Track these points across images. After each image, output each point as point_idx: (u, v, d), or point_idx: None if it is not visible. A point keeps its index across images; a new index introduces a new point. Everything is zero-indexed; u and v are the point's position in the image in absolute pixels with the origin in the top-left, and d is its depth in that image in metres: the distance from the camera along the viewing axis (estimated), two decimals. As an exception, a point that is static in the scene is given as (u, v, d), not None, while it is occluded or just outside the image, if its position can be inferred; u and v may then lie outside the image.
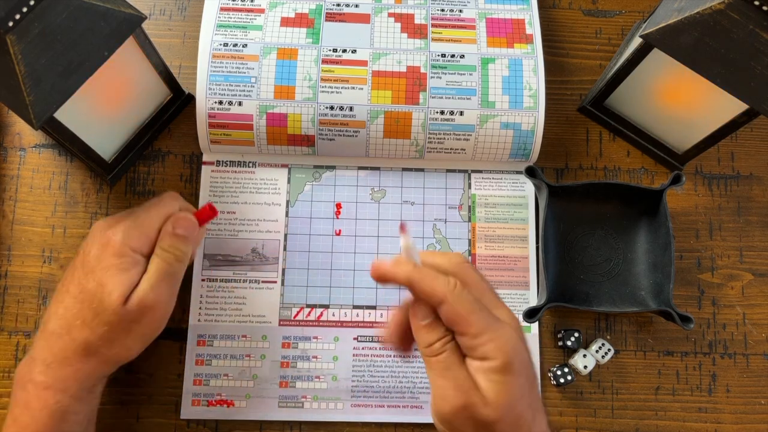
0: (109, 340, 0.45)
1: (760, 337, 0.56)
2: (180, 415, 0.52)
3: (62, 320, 0.45)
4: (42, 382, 0.44)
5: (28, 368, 0.45)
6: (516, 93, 0.55)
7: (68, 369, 0.44)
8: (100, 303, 0.44)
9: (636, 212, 0.56)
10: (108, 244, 0.45)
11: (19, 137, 0.57)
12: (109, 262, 0.45)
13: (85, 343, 0.44)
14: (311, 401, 0.53)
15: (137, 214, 0.47)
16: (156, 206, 0.48)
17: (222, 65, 0.54)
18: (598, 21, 0.62)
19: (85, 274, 0.45)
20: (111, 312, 0.44)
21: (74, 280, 0.45)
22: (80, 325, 0.44)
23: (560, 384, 0.53)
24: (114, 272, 0.44)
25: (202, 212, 0.49)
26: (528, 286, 0.56)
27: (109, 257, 0.45)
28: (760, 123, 0.59)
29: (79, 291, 0.45)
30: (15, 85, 0.41)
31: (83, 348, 0.44)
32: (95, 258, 0.45)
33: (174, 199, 0.49)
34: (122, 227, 0.46)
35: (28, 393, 0.44)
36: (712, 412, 0.54)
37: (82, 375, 0.45)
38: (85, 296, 0.44)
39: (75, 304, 0.45)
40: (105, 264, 0.45)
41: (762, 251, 0.57)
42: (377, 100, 0.54)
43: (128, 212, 0.48)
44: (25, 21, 0.40)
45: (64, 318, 0.45)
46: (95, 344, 0.44)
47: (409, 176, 0.57)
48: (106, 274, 0.44)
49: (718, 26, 0.43)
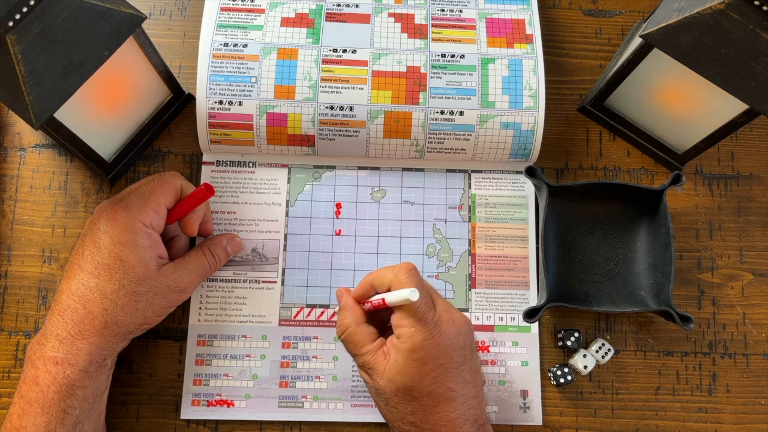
0: (131, 309, 0.46)
1: (760, 337, 0.56)
2: (180, 415, 0.52)
3: (77, 295, 0.46)
4: (53, 357, 0.45)
5: (39, 345, 0.46)
6: (516, 93, 0.55)
7: (82, 342, 0.45)
8: (124, 275, 0.46)
9: (636, 212, 0.56)
10: (117, 220, 0.46)
11: (19, 137, 0.57)
12: (124, 237, 0.46)
13: (103, 314, 0.45)
14: (311, 401, 0.53)
15: (141, 191, 0.48)
16: (160, 183, 0.49)
17: (222, 65, 0.54)
18: (598, 21, 0.62)
19: (98, 250, 0.46)
20: (141, 282, 0.46)
21: (85, 257, 0.46)
22: (98, 297, 0.45)
23: (560, 384, 0.53)
24: (133, 248, 0.46)
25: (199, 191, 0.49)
26: (528, 286, 0.56)
27: (123, 233, 0.46)
28: (760, 123, 0.60)
29: (94, 267, 0.46)
30: (15, 85, 0.41)
31: (101, 319, 0.45)
32: (106, 234, 0.46)
33: (175, 177, 0.50)
34: (129, 203, 0.47)
35: (38, 369, 0.45)
36: (712, 412, 0.54)
37: (94, 349, 0.45)
38: (102, 270, 0.46)
39: (91, 278, 0.46)
40: (121, 239, 0.46)
41: (762, 251, 0.57)
42: (377, 100, 0.54)
43: (129, 191, 0.49)
44: (25, 21, 0.40)
45: (78, 292, 0.46)
46: (114, 313, 0.46)
47: (409, 176, 0.57)
48: (125, 249, 0.46)
49: (718, 26, 0.43)
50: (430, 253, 0.56)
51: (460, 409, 0.44)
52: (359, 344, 0.46)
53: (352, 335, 0.46)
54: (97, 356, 0.46)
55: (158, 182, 0.49)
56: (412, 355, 0.43)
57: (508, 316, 0.55)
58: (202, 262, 0.51)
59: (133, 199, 0.47)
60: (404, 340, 0.43)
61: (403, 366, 0.43)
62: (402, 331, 0.44)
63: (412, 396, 0.44)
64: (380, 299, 0.46)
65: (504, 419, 0.53)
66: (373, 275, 0.47)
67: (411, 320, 0.43)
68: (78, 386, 0.45)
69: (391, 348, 0.45)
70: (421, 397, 0.44)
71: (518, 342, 0.54)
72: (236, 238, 0.54)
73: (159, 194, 0.48)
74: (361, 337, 0.46)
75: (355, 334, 0.46)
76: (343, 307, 0.48)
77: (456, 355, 0.44)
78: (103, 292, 0.46)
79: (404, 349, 0.43)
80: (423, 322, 0.43)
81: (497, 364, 0.54)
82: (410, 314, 0.43)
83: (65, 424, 0.44)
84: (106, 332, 0.46)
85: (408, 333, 0.43)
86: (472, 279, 0.55)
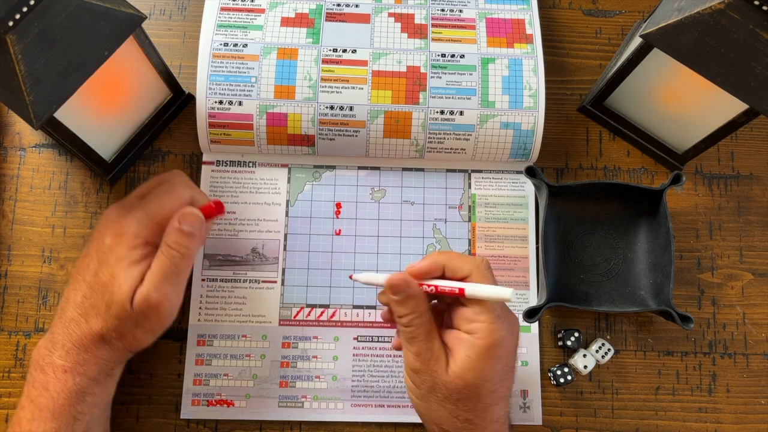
0: (120, 332, 0.45)
1: (760, 337, 0.56)
2: (180, 415, 0.52)
3: (80, 308, 0.45)
4: (62, 365, 0.45)
5: (47, 351, 0.45)
6: (516, 93, 0.55)
7: (87, 355, 0.45)
8: (111, 295, 0.44)
9: (636, 212, 0.56)
10: (122, 234, 0.45)
11: (19, 137, 0.57)
12: (121, 253, 0.45)
13: (101, 332, 0.45)
14: (311, 401, 0.53)
15: (148, 202, 0.47)
16: (168, 195, 0.47)
17: (222, 65, 0.54)
18: (598, 21, 0.62)
19: (99, 263, 0.45)
20: (119, 307, 0.44)
21: (89, 269, 0.46)
22: (95, 314, 0.45)
23: (560, 384, 0.53)
24: (125, 265, 0.45)
25: (208, 208, 0.48)
26: (528, 286, 0.56)
27: (123, 249, 0.45)
28: (760, 123, 0.60)
29: (95, 281, 0.45)
30: (15, 85, 0.41)
31: (99, 336, 0.45)
32: (109, 248, 0.45)
33: (186, 187, 0.48)
34: (136, 218, 0.46)
35: (47, 375, 0.45)
36: (712, 412, 0.54)
37: (101, 360, 0.45)
38: (99, 286, 0.45)
39: (92, 293, 0.45)
40: (118, 255, 0.45)
41: (762, 251, 0.57)
42: (377, 99, 0.54)
43: (138, 197, 0.48)
44: (25, 21, 0.40)
45: (82, 306, 0.45)
46: (109, 334, 0.45)
47: (409, 176, 0.57)
48: (119, 266, 0.45)
49: (718, 26, 0.43)
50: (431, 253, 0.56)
51: (506, 407, 0.44)
52: (430, 333, 0.43)
53: (426, 323, 0.43)
54: (104, 366, 0.46)
55: (167, 195, 0.47)
56: (489, 352, 0.42)
57: (508, 316, 0.55)
58: (163, 264, 0.45)
59: (140, 214, 0.46)
60: (481, 336, 0.42)
61: (477, 362, 0.42)
62: (479, 327, 0.42)
63: (478, 393, 0.42)
64: (458, 288, 0.43)
65: (504, 419, 0.53)
66: (445, 258, 0.45)
67: (490, 316, 0.42)
68: (87, 393, 0.45)
69: (458, 343, 0.43)
70: (486, 394, 0.43)
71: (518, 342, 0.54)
72: (185, 209, 0.46)
73: (166, 208, 0.46)
74: (432, 326, 0.44)
75: (430, 321, 0.44)
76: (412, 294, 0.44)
77: (515, 354, 0.44)
78: (99, 310, 0.45)
79: (481, 346, 0.42)
80: (501, 320, 0.43)
81: (497, 364, 0.54)
82: (490, 311, 0.42)
83: (75, 430, 0.44)
84: (108, 347, 0.45)
85: (487, 329, 0.42)
86: (472, 279, 0.55)
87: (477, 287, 0.43)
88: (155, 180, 0.50)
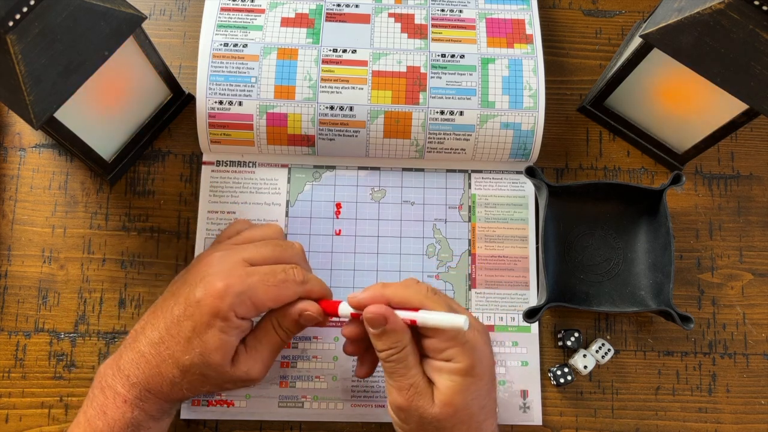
0: (198, 387, 0.45)
1: (760, 337, 0.56)
2: (180, 415, 0.52)
3: (155, 350, 0.44)
4: (123, 395, 0.44)
5: (112, 374, 0.45)
6: (516, 93, 0.55)
7: (149, 394, 0.44)
8: (198, 356, 0.43)
9: (636, 212, 0.56)
10: (218, 304, 0.43)
11: (19, 137, 0.57)
12: (213, 321, 0.43)
13: (171, 381, 0.44)
14: (311, 401, 0.53)
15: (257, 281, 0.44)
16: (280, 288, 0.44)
17: (222, 65, 0.54)
18: (598, 21, 0.62)
19: (186, 317, 0.43)
20: (211, 369, 0.44)
21: (174, 315, 0.44)
22: (172, 364, 0.44)
23: (560, 384, 0.53)
24: (216, 333, 0.43)
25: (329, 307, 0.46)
26: (528, 286, 0.56)
27: (214, 318, 0.43)
28: (760, 123, 0.60)
29: (177, 331, 0.44)
30: (15, 85, 0.41)
31: (169, 385, 0.44)
32: (200, 306, 0.43)
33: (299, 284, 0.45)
34: (236, 293, 0.43)
35: (107, 399, 0.44)
36: (712, 412, 0.54)
37: (162, 401, 0.45)
38: (179, 341, 0.43)
39: (171, 342, 0.44)
40: (208, 320, 0.43)
41: (762, 251, 0.57)
42: (377, 100, 0.54)
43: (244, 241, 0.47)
44: (25, 21, 0.40)
45: (157, 349, 0.44)
46: (180, 384, 0.44)
47: (409, 176, 0.57)
48: (209, 332, 0.43)
49: (718, 26, 0.43)
50: (430, 253, 0.56)
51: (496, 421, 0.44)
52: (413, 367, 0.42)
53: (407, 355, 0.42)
54: (165, 405, 0.46)
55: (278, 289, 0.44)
56: (470, 371, 0.41)
57: (508, 316, 0.55)
58: (273, 340, 0.46)
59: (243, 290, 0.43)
60: (459, 359, 0.41)
61: (462, 386, 0.41)
62: (452, 353, 0.41)
63: (469, 414, 0.42)
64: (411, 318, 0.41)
65: (504, 419, 0.53)
66: (390, 290, 0.43)
67: (459, 339, 0.41)
68: (144, 427, 0.45)
69: (438, 373, 0.42)
70: (477, 412, 0.42)
71: (518, 342, 0.54)
72: (309, 308, 0.45)
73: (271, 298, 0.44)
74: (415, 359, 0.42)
75: (411, 354, 0.42)
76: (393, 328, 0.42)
77: (493, 362, 0.44)
78: (177, 362, 0.43)
79: (461, 369, 0.41)
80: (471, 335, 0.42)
81: (497, 364, 0.54)
82: (455, 335, 0.41)
83: None
84: (171, 393, 0.45)
85: (461, 351, 0.41)
86: (472, 279, 0.55)
87: (429, 316, 0.41)
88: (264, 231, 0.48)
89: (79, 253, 0.55)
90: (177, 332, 0.44)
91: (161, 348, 0.44)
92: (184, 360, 0.43)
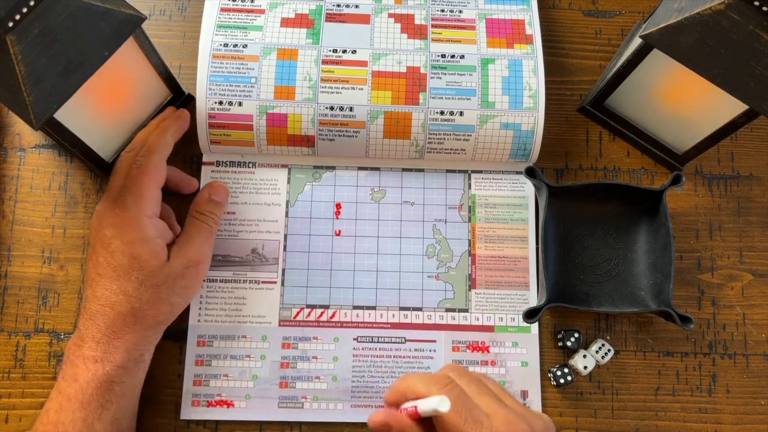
0: (156, 300, 0.47)
1: (760, 338, 0.56)
2: (180, 415, 0.52)
3: (103, 299, 0.47)
4: (92, 356, 0.46)
5: (76, 347, 0.47)
6: (516, 93, 0.55)
7: (117, 341, 0.46)
8: (140, 271, 0.47)
9: (636, 212, 0.56)
10: (122, 221, 0.47)
11: (19, 137, 0.57)
12: (133, 235, 0.47)
13: (131, 312, 0.47)
14: (311, 401, 0.53)
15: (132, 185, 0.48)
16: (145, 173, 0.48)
17: (222, 65, 0.54)
18: (598, 21, 0.62)
19: (111, 254, 0.47)
20: (157, 273, 0.47)
21: (101, 263, 0.47)
22: (123, 299, 0.46)
23: (560, 384, 0.53)
24: (143, 243, 0.47)
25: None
26: (528, 287, 0.55)
27: (131, 232, 0.47)
28: (760, 123, 0.59)
29: (112, 270, 0.47)
30: (15, 85, 0.41)
31: (130, 317, 0.47)
32: (115, 238, 0.47)
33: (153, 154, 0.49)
34: (127, 203, 0.48)
35: (77, 367, 0.46)
36: (712, 413, 0.54)
37: (130, 345, 0.47)
38: (120, 273, 0.47)
39: (112, 282, 0.47)
40: (130, 238, 0.47)
41: (762, 251, 0.57)
42: (377, 100, 0.54)
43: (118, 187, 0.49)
44: (25, 21, 0.40)
45: (104, 297, 0.47)
46: (141, 309, 0.47)
47: (409, 176, 0.57)
48: (136, 246, 0.47)
49: (718, 26, 0.43)
50: (430, 253, 0.56)
51: None
52: None
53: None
54: (134, 352, 0.47)
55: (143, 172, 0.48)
56: None
57: (508, 317, 0.55)
58: (199, 227, 0.51)
59: (129, 198, 0.48)
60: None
61: None
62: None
63: None
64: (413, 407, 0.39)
65: (504, 420, 0.53)
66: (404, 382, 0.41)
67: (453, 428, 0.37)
68: (116, 382, 0.46)
69: None
70: None
71: (518, 342, 0.54)
72: (213, 182, 0.54)
73: (150, 184, 0.49)
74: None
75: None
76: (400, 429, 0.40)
77: None
78: (126, 292, 0.47)
79: None
80: None
81: (497, 364, 0.54)
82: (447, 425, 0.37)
83: (102, 419, 0.45)
84: (138, 328, 0.47)
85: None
86: (472, 279, 0.55)
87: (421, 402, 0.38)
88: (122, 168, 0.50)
89: (79, 253, 0.55)
90: (113, 272, 0.47)
91: (109, 294, 0.47)
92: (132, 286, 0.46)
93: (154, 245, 0.47)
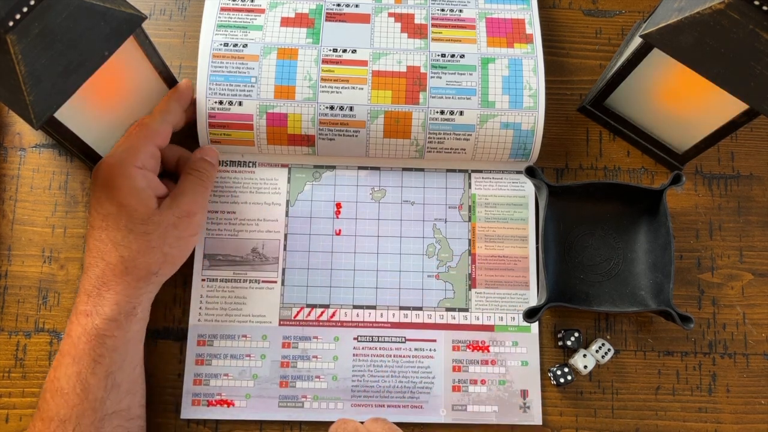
0: (146, 249, 0.47)
1: (760, 337, 0.56)
2: (180, 415, 0.52)
3: (93, 251, 0.48)
4: (83, 310, 0.46)
5: (74, 304, 0.48)
6: (516, 93, 0.55)
7: (108, 293, 0.47)
8: (129, 219, 0.47)
9: (636, 212, 0.56)
10: (110, 171, 0.48)
11: (19, 137, 0.57)
12: (119, 182, 0.47)
13: (121, 261, 0.47)
14: (311, 401, 0.53)
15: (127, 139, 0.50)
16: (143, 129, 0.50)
17: (222, 65, 0.54)
18: (598, 21, 0.62)
19: (100, 204, 0.48)
20: (146, 221, 0.47)
21: (92, 215, 0.48)
22: (111, 247, 0.47)
23: (560, 384, 0.53)
24: (130, 190, 0.47)
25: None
26: (528, 286, 0.56)
27: (118, 179, 0.47)
28: (760, 123, 0.60)
29: (101, 220, 0.48)
30: (15, 85, 0.41)
31: (120, 266, 0.47)
32: (103, 187, 0.48)
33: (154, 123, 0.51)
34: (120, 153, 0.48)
35: (71, 323, 0.47)
36: (712, 412, 0.54)
37: (121, 297, 0.47)
38: (109, 222, 0.47)
39: (101, 232, 0.48)
40: (117, 185, 0.47)
41: (762, 251, 0.57)
42: (377, 100, 0.54)
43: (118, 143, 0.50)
44: (25, 21, 0.40)
45: (95, 248, 0.48)
46: (131, 258, 0.47)
47: (409, 176, 0.57)
48: (122, 194, 0.47)
49: (718, 26, 0.43)
50: (430, 253, 0.56)
51: None
52: None
53: None
54: (125, 305, 0.47)
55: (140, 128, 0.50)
56: None
57: (508, 316, 0.55)
58: (193, 181, 0.51)
59: (122, 150, 0.49)
60: None
61: None
62: None
63: None
64: None
65: (504, 419, 0.53)
66: None
67: None
68: (107, 335, 0.46)
69: None
70: None
71: (518, 342, 0.54)
72: (205, 146, 0.55)
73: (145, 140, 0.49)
74: None
75: None
76: None
77: None
78: (115, 241, 0.47)
79: None
80: None
81: (497, 363, 0.54)
82: None
83: (96, 373, 0.45)
84: (128, 278, 0.47)
85: None
86: (472, 279, 0.56)
87: None
88: None
89: (79, 253, 0.55)
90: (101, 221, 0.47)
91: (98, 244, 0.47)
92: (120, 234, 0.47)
93: (142, 194, 0.48)
